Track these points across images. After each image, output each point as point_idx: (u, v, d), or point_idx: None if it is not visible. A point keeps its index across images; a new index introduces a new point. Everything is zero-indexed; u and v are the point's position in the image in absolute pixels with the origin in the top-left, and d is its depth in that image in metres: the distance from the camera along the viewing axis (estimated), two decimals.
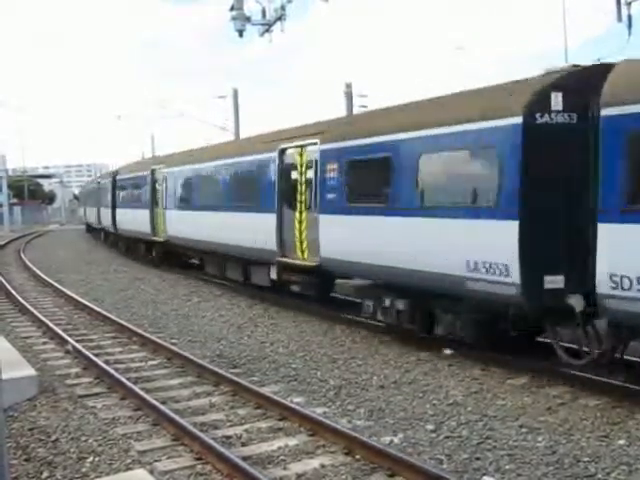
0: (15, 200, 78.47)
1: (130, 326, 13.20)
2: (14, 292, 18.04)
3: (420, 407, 8.36)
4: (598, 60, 9.17)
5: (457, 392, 8.92)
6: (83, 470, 6.52)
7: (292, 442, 7.14)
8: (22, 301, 16.48)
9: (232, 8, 18.69)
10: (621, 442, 7.02)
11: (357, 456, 6.68)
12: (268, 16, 18.96)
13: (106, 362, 10.37)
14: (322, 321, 13.99)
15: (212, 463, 6.57)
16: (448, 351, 10.85)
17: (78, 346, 11.34)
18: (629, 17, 15.44)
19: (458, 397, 8.71)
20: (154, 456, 6.84)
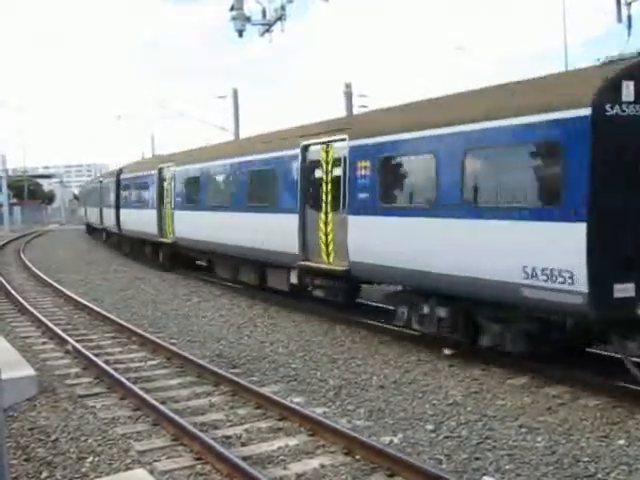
0: (15, 200, 78.52)
1: (130, 326, 13.20)
2: (14, 292, 18.04)
3: (420, 407, 8.36)
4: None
5: (457, 392, 8.93)
6: (83, 470, 6.53)
7: (292, 442, 7.14)
8: (22, 301, 16.48)
9: (232, 8, 18.67)
10: (621, 442, 7.04)
11: (357, 456, 6.69)
12: (268, 16, 18.93)
13: (106, 362, 10.37)
14: (322, 321, 14.00)
15: (212, 463, 6.57)
16: (448, 351, 10.85)
17: (78, 346, 11.34)
18: (629, 17, 15.45)
19: (458, 397, 8.71)
20: (154, 456, 6.85)
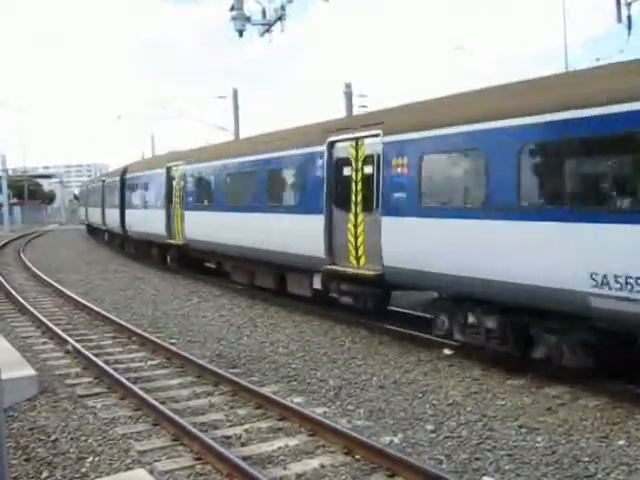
0: (15, 200, 78.55)
1: (130, 326, 13.20)
2: (14, 292, 18.03)
3: (420, 407, 8.36)
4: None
5: (457, 392, 8.93)
6: (83, 470, 6.53)
7: (292, 442, 7.14)
8: (22, 301, 16.47)
9: (232, 8, 18.70)
10: (621, 442, 7.04)
11: (357, 456, 6.69)
12: (268, 16, 18.96)
13: (106, 362, 10.37)
14: (322, 321, 13.99)
15: (212, 463, 6.57)
16: (448, 351, 10.85)
17: (78, 346, 11.34)
18: (629, 17, 15.50)
19: (458, 397, 8.71)
20: (154, 456, 6.85)
